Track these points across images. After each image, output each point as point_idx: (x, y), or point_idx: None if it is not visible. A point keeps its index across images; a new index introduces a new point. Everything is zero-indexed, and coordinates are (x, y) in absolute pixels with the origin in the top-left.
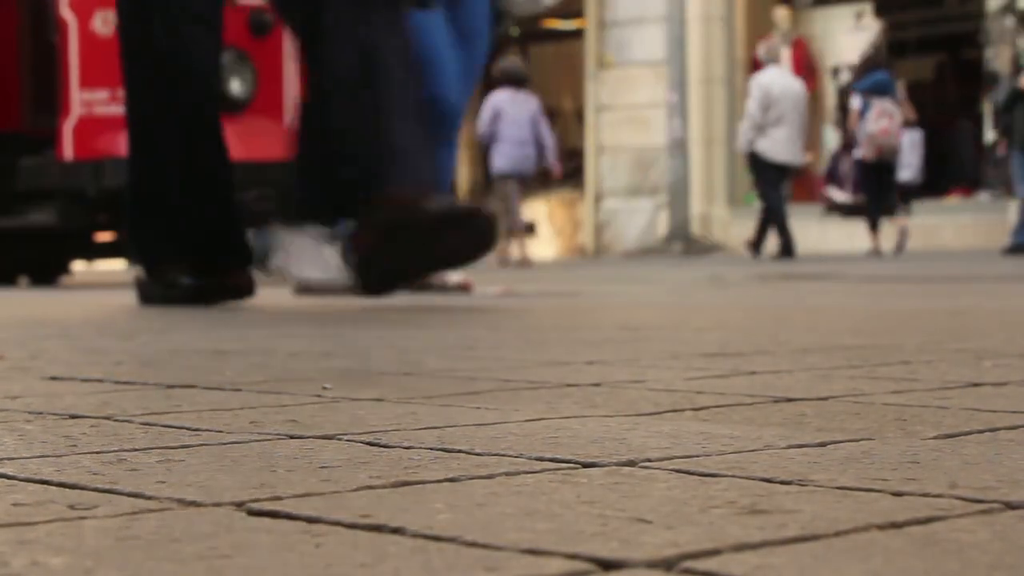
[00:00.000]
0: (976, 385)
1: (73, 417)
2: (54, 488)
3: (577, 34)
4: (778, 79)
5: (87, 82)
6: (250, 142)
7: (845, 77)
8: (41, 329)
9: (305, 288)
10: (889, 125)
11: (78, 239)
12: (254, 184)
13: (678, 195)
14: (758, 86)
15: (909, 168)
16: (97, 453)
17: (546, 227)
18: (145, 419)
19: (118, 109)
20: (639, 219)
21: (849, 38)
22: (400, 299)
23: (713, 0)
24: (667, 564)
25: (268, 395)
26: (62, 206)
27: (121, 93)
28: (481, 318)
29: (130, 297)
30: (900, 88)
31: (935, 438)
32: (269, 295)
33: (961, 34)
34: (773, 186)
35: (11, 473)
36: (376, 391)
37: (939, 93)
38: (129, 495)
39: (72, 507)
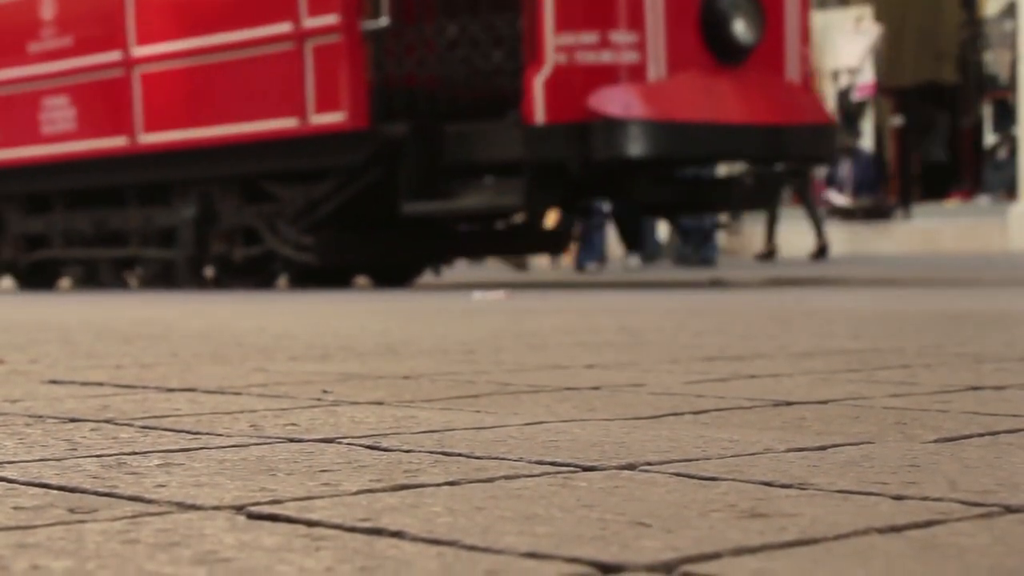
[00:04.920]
0: (976, 389)
1: (73, 420)
2: (55, 492)
3: None
4: None
5: (567, 21)
6: (755, 101)
7: (845, 80)
8: (41, 333)
9: None
10: None
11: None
12: (764, 154)
13: None
14: None
15: None
16: (97, 456)
17: None
18: (145, 422)
19: (611, 56)
20: None
21: (848, 41)
22: (401, 301)
23: None
24: (667, 568)
25: (268, 398)
26: (530, 183)
27: (616, 35)
28: (482, 321)
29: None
30: None
31: (935, 442)
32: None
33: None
34: None
35: (12, 476)
36: (376, 394)
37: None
38: (129, 499)
39: (72, 511)
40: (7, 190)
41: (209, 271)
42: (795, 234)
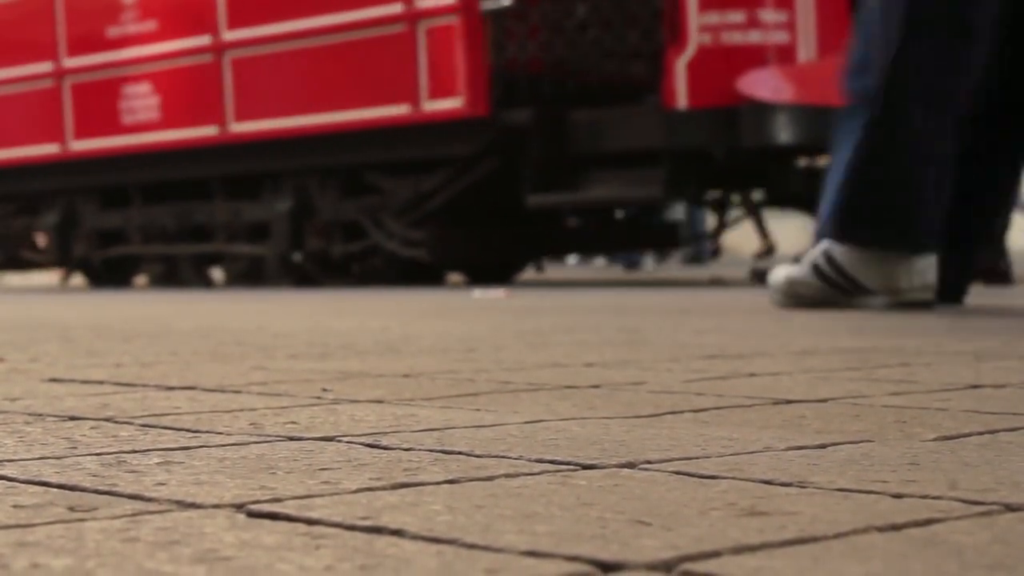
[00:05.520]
0: (975, 387)
1: (73, 419)
2: (54, 490)
3: None
4: None
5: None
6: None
7: None
8: (41, 331)
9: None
10: None
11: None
12: None
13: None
14: None
15: None
16: (97, 455)
17: None
18: (145, 421)
19: (759, 36)
20: None
21: None
22: (403, 302)
23: None
24: (666, 566)
25: (268, 397)
26: (669, 173)
27: (765, 14)
28: (482, 319)
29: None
30: None
31: (935, 440)
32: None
33: None
34: None
35: (11, 475)
36: (375, 392)
37: None
38: (129, 497)
39: (72, 509)
40: (82, 183)
41: (297, 257)
42: (793, 230)
